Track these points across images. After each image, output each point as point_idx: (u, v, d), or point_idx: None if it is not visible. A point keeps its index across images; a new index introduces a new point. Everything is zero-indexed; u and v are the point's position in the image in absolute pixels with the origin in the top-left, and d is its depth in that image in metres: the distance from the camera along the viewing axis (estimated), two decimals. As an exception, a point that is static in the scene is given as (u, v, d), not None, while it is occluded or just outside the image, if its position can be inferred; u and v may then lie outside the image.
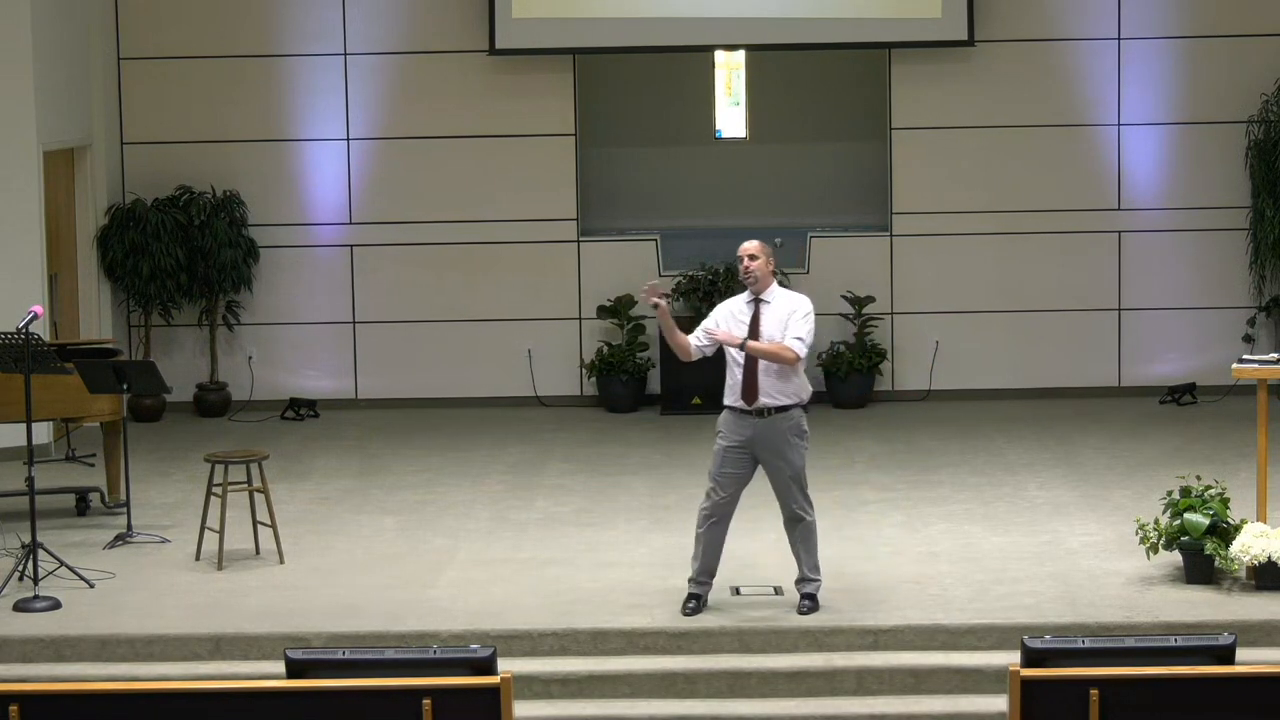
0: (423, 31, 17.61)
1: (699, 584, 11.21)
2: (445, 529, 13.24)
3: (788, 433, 11.04)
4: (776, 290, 11.15)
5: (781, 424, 11.02)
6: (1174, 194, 17.59)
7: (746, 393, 10.98)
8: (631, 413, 17.36)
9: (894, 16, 17.35)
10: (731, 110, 17.99)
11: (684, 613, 11.11)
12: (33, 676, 10.51)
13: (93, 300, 17.16)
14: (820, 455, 15.42)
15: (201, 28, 17.58)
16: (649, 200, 18.26)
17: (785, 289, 11.28)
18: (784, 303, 11.11)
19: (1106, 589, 11.48)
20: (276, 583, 11.95)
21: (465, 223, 17.67)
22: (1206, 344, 17.53)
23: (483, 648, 8.17)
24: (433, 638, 10.80)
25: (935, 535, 12.86)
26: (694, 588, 11.21)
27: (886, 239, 17.75)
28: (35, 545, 11.73)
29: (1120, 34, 17.51)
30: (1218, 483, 11.79)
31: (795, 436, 11.07)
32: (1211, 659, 8.10)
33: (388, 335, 17.79)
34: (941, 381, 17.73)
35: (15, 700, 7.90)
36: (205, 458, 12.68)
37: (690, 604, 11.16)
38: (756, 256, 11.07)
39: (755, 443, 11.02)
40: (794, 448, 11.06)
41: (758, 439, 11.02)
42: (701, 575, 11.22)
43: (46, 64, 16.01)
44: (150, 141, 17.66)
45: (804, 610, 11.13)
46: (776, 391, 11.01)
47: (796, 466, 11.08)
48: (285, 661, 8.16)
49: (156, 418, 17.26)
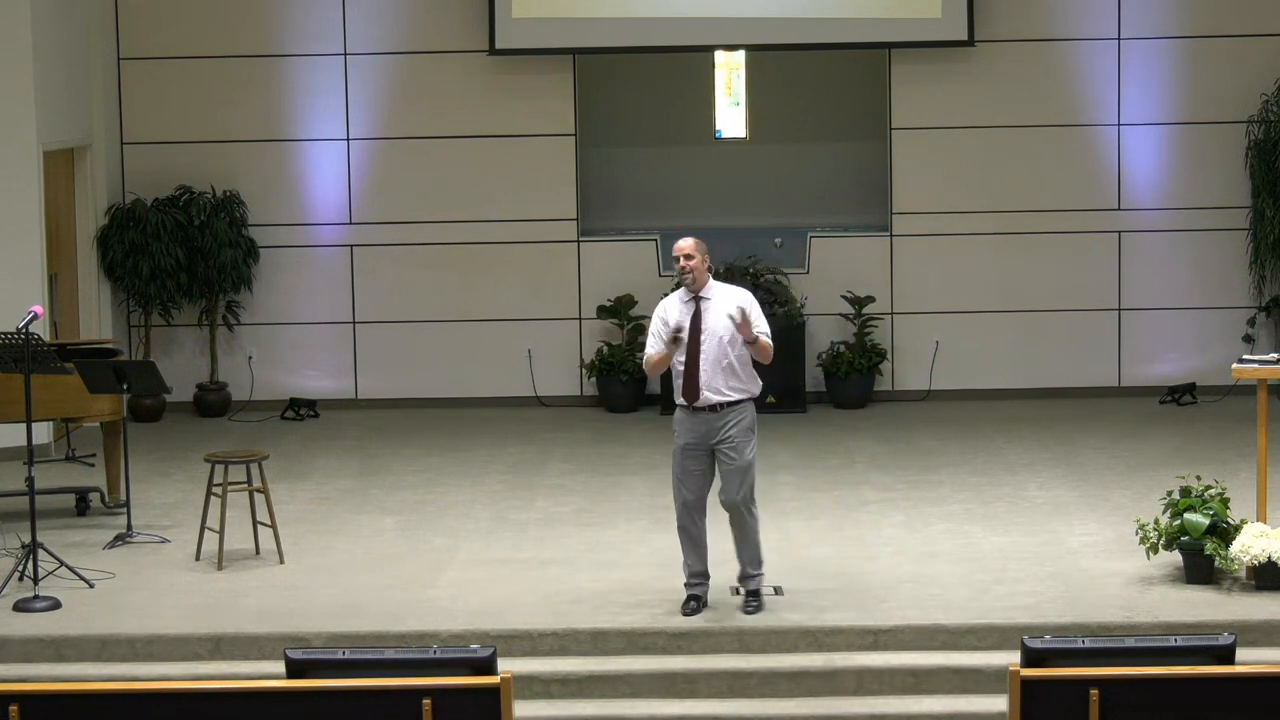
0: (423, 31, 17.61)
1: (694, 585, 11.23)
2: (445, 529, 13.24)
3: (740, 426, 11.09)
4: (714, 285, 11.20)
5: (733, 418, 11.07)
6: (1174, 194, 17.59)
7: (688, 392, 11.03)
8: (631, 413, 17.37)
9: (894, 16, 17.34)
10: (731, 110, 17.99)
11: (684, 613, 11.12)
12: (33, 676, 10.51)
13: (93, 300, 17.16)
14: (820, 455, 15.46)
15: (201, 28, 17.58)
16: (649, 200, 18.26)
17: (721, 282, 11.34)
18: (725, 297, 11.14)
19: (1106, 589, 11.48)
20: (276, 583, 11.96)
21: (465, 223, 17.67)
22: (1206, 344, 17.53)
23: (483, 648, 8.17)
24: (433, 638, 10.80)
25: (935, 535, 12.86)
26: (691, 589, 11.23)
27: (886, 239, 17.75)
28: (35, 545, 11.73)
29: (1120, 34, 17.51)
30: (1218, 483, 11.79)
31: (749, 430, 11.13)
32: (1211, 659, 8.10)
33: (388, 335, 17.79)
34: (941, 381, 17.73)
35: (15, 700, 7.90)
36: (205, 458, 12.68)
37: (690, 604, 11.17)
38: (693, 256, 11.10)
39: (710, 438, 11.07)
40: (746, 442, 11.12)
41: (711, 434, 11.06)
42: (695, 577, 11.23)
43: (46, 64, 16.01)
44: (150, 141, 17.66)
45: (751, 609, 11.16)
46: (728, 388, 11.06)
47: (747, 460, 11.13)
48: (285, 661, 8.16)
49: (156, 418, 17.26)
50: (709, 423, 11.06)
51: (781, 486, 14.32)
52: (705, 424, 11.07)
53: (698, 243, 11.15)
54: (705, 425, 11.07)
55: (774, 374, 17.24)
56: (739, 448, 11.09)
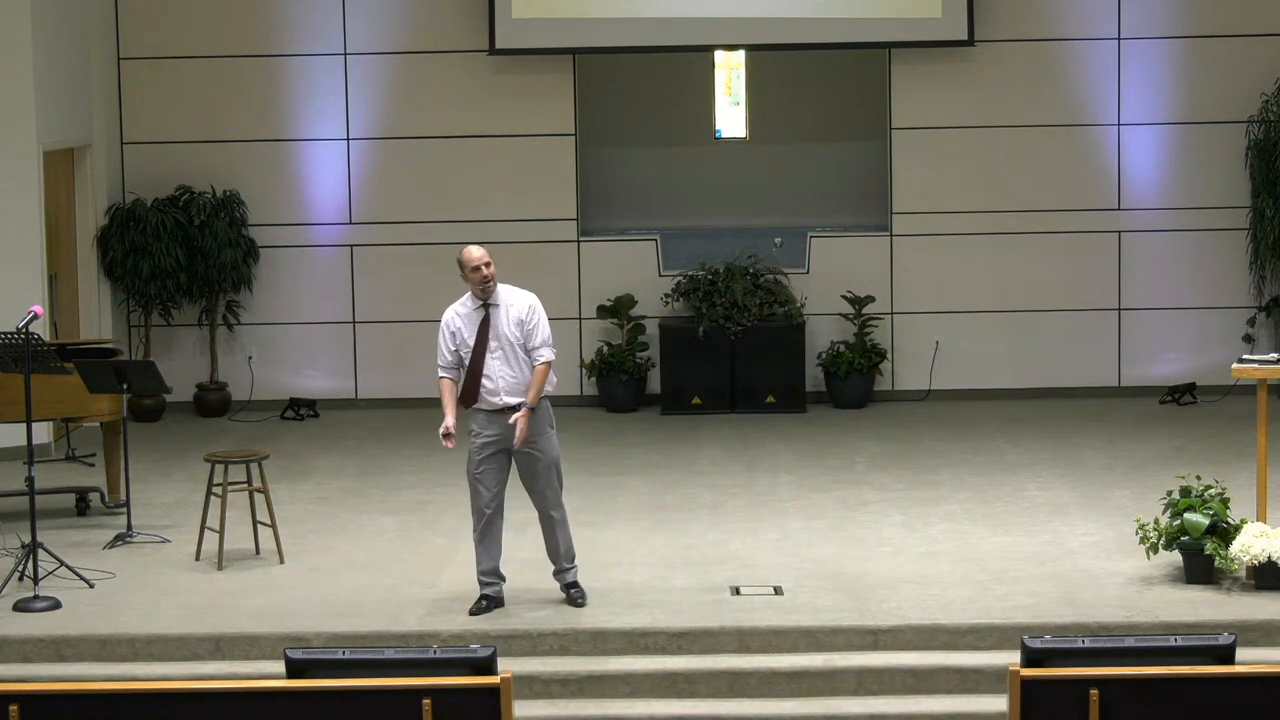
0: (423, 31, 17.61)
1: (489, 584, 11.35)
2: (445, 529, 13.25)
3: (540, 423, 11.20)
4: (501, 290, 11.32)
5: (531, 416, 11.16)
6: (1174, 194, 17.59)
7: (466, 396, 11.23)
8: (631, 413, 17.36)
9: (894, 16, 17.34)
10: (731, 110, 17.99)
11: (471, 613, 11.19)
12: (33, 676, 10.52)
13: (93, 300, 17.16)
14: (820, 455, 15.46)
15: (201, 28, 17.58)
16: (649, 200, 18.26)
17: (506, 285, 11.43)
18: (512, 302, 11.29)
19: (1106, 589, 11.49)
20: (276, 583, 11.96)
21: (465, 223, 17.66)
22: (1206, 344, 17.53)
23: (483, 648, 8.18)
24: (433, 638, 10.81)
25: (935, 535, 12.86)
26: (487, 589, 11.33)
27: (886, 239, 17.75)
28: (35, 545, 11.73)
29: (1120, 34, 17.51)
30: (1218, 483, 11.80)
31: (548, 426, 11.28)
32: (1211, 659, 8.10)
33: (388, 335, 17.79)
34: (941, 381, 17.73)
35: (15, 700, 7.91)
36: (205, 458, 12.68)
37: (481, 603, 11.26)
38: (491, 264, 11.28)
39: (506, 439, 11.18)
40: (547, 437, 11.29)
41: (507, 434, 11.17)
42: (487, 575, 11.35)
43: (46, 64, 16.01)
44: (150, 141, 17.66)
45: (580, 601, 11.30)
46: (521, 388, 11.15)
47: (552, 455, 11.29)
48: (285, 661, 8.17)
49: (156, 418, 17.26)
50: (502, 423, 11.20)
51: (781, 486, 14.32)
52: (500, 424, 11.21)
53: (487, 250, 11.34)
54: (500, 425, 11.21)
55: (774, 374, 17.40)
56: (540, 445, 11.26)
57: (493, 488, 11.31)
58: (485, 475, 11.29)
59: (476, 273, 11.26)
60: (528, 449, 11.21)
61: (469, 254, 11.28)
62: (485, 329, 11.21)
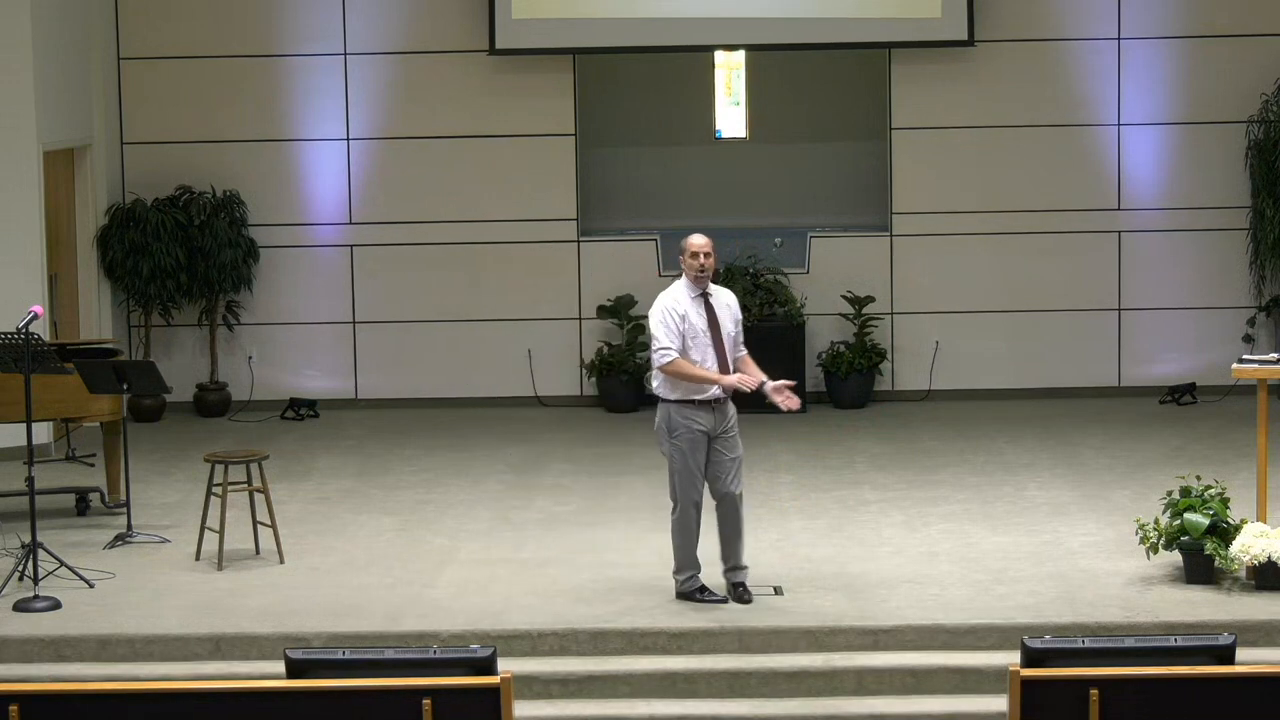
0: (423, 31, 17.61)
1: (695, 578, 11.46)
2: (445, 529, 13.24)
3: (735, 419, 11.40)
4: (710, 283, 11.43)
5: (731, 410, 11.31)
6: (1174, 194, 17.59)
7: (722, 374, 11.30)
8: (631, 413, 17.36)
9: (894, 16, 17.35)
10: (731, 110, 17.99)
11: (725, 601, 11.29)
12: (33, 676, 10.51)
13: (93, 300, 17.16)
14: (820, 455, 15.46)
15: (201, 28, 17.58)
16: (649, 200, 18.26)
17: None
18: (728, 302, 11.41)
19: (1106, 589, 11.48)
20: (276, 583, 11.96)
21: (465, 223, 17.67)
22: (1206, 344, 17.53)
23: (483, 648, 8.17)
24: (433, 638, 10.81)
25: (935, 535, 12.86)
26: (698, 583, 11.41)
27: (886, 239, 17.75)
28: (35, 545, 11.73)
29: (1120, 34, 17.51)
30: (1218, 483, 11.79)
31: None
32: (1211, 659, 8.10)
33: (388, 335, 17.79)
34: (941, 381, 17.73)
35: (15, 700, 7.91)
36: (205, 458, 12.68)
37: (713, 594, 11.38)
38: (712, 255, 11.30)
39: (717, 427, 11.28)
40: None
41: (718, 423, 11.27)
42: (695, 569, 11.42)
43: (46, 64, 16.01)
44: (150, 141, 17.66)
45: (746, 598, 11.33)
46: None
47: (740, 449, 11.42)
48: (285, 661, 8.16)
49: (156, 418, 17.26)
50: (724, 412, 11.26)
51: (781, 486, 14.32)
52: (715, 414, 11.24)
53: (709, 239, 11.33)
54: (714, 415, 11.23)
55: (774, 373, 17.33)
56: (737, 440, 11.30)
57: (704, 478, 11.28)
58: (701, 465, 11.22)
59: (695, 259, 11.22)
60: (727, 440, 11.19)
61: (692, 240, 11.29)
62: (714, 318, 11.22)
